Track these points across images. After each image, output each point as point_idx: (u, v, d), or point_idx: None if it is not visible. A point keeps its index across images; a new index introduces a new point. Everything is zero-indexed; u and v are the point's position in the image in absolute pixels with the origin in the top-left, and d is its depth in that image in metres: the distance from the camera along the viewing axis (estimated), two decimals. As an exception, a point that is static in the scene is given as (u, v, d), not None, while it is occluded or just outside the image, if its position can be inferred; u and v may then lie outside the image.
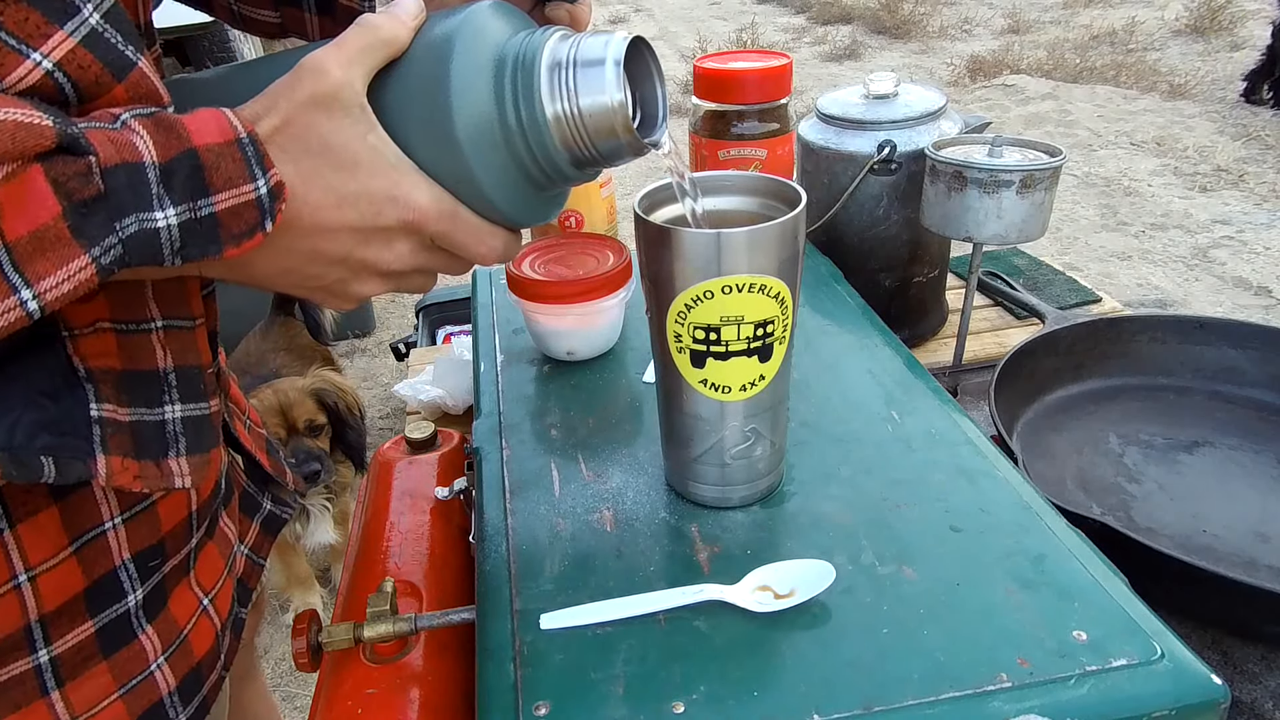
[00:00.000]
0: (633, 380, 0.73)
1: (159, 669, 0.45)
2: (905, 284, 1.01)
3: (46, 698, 0.41)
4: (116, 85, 0.33)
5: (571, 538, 0.55)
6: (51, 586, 0.39)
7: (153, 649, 0.45)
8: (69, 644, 0.41)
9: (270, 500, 0.63)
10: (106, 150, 0.29)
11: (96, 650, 0.42)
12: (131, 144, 0.30)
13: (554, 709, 0.43)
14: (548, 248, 0.78)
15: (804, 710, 0.42)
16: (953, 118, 0.96)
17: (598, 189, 0.96)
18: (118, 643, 0.43)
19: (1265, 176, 2.66)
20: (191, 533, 0.46)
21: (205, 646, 0.49)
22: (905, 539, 0.53)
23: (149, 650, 0.45)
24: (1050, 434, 0.82)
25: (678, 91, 3.89)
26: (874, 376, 0.70)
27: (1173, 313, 1.22)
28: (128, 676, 0.44)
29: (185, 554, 0.46)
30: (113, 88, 0.33)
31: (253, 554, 0.60)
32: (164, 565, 0.45)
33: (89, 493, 0.40)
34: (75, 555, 0.39)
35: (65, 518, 0.39)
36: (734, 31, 4.80)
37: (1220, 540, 0.69)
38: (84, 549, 0.40)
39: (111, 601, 0.42)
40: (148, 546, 0.43)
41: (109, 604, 0.42)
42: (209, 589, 0.50)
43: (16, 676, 0.39)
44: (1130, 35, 4.25)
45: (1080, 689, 0.43)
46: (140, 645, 0.44)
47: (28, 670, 0.40)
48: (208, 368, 0.43)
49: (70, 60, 0.32)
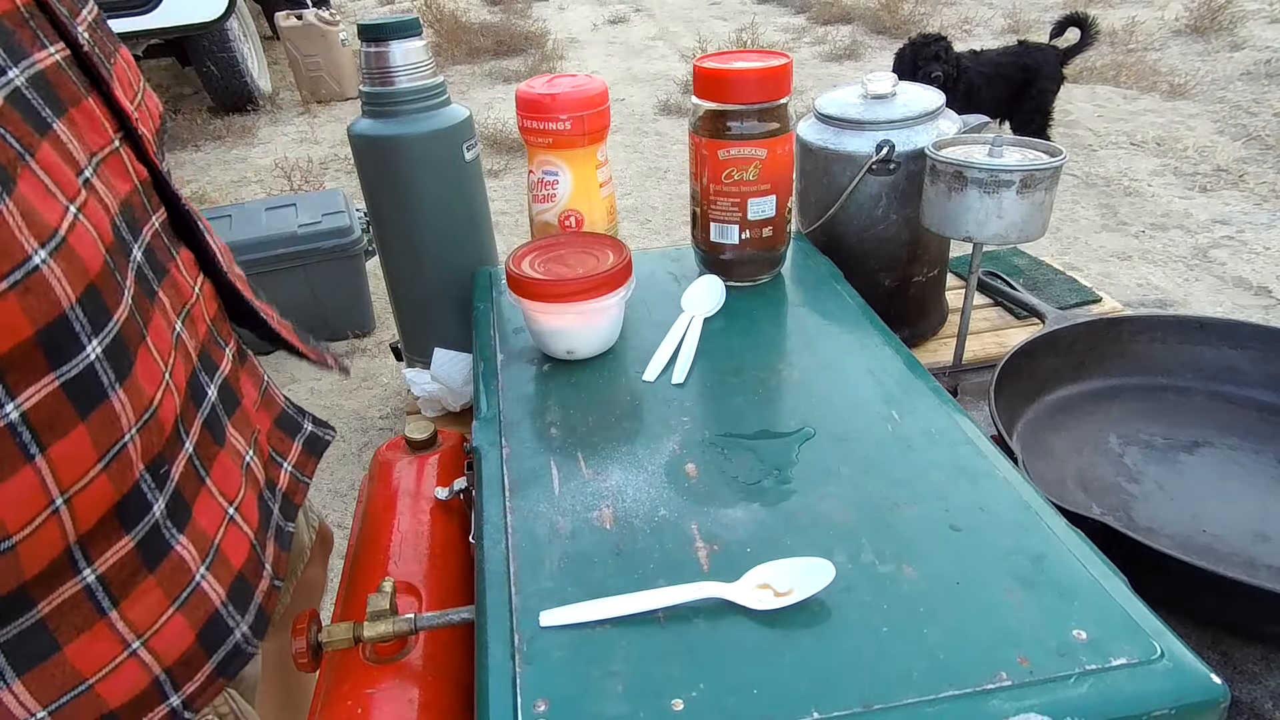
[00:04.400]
0: (632, 379, 0.73)
1: (204, 579, 0.46)
2: (905, 284, 1.01)
3: (106, 618, 0.41)
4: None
5: (571, 536, 0.55)
6: (86, 506, 0.39)
7: (192, 559, 0.45)
8: (111, 561, 0.41)
9: (311, 422, 0.64)
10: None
11: (140, 565, 0.42)
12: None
13: (553, 707, 0.43)
14: (548, 247, 0.78)
15: (803, 708, 0.42)
16: (951, 117, 0.96)
17: (598, 189, 0.96)
18: (158, 555, 0.43)
19: (1265, 176, 2.66)
20: (181, 436, 0.46)
21: (242, 556, 0.49)
22: (905, 538, 0.53)
23: (189, 560, 0.45)
24: (1050, 434, 0.82)
25: (678, 91, 3.89)
26: (874, 376, 0.70)
27: (1173, 313, 1.22)
28: (177, 588, 0.44)
29: (186, 458, 0.46)
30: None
31: (297, 471, 0.61)
32: (171, 470, 0.44)
33: (110, 406, 0.39)
34: (105, 472, 0.39)
35: (93, 435, 0.38)
36: (734, 31, 4.80)
37: (1220, 540, 0.69)
38: (112, 464, 0.40)
39: (142, 513, 0.42)
40: (157, 453, 0.43)
41: (140, 516, 0.42)
42: (231, 498, 0.50)
43: (70, 599, 0.39)
44: (1130, 35, 4.24)
45: (1080, 688, 0.43)
46: (179, 556, 0.44)
47: (78, 591, 0.40)
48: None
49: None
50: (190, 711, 0.46)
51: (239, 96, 3.88)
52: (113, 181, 0.42)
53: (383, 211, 1.02)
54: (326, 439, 0.66)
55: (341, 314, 2.04)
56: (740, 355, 0.75)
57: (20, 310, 0.34)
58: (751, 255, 0.88)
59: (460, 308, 1.02)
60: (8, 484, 0.35)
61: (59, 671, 0.40)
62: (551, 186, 0.95)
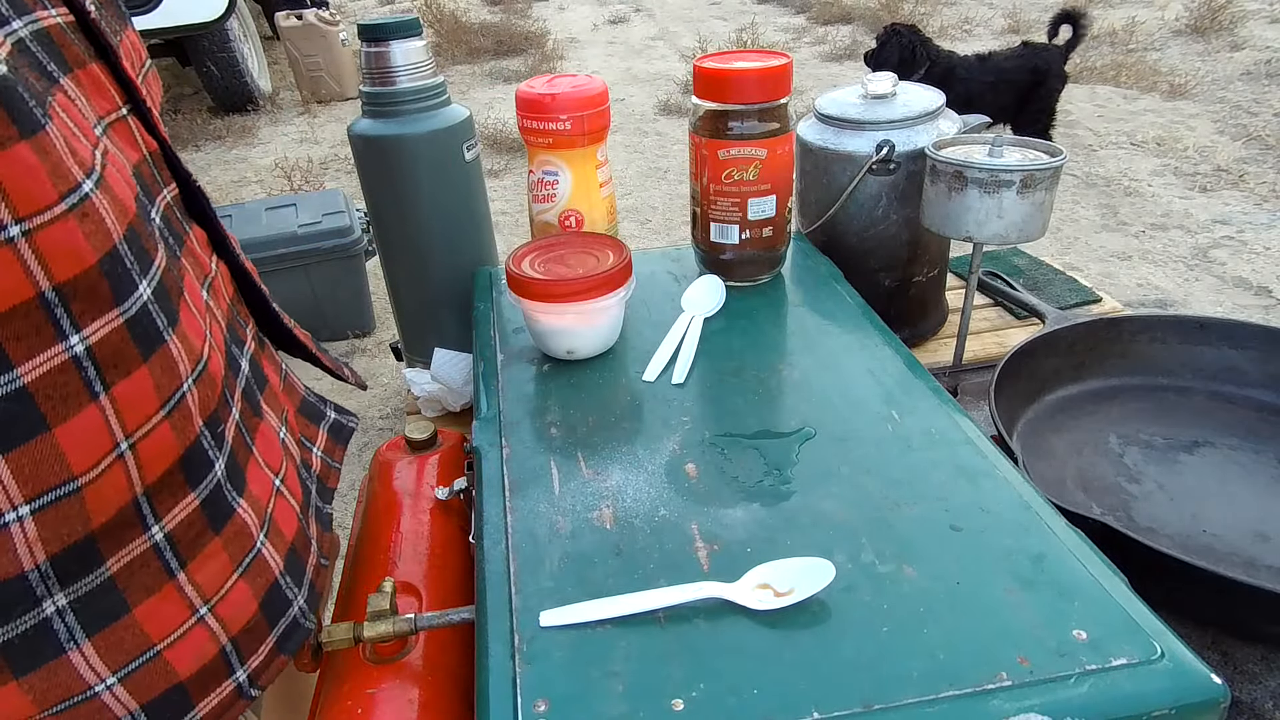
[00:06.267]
0: (632, 379, 0.73)
1: (264, 546, 0.45)
2: (905, 284, 1.01)
3: (174, 579, 0.40)
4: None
5: (571, 536, 0.55)
6: (151, 455, 0.38)
7: (253, 524, 0.44)
8: (179, 518, 0.40)
9: (334, 410, 0.63)
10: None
11: (206, 525, 0.41)
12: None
13: (553, 706, 0.43)
14: (548, 247, 0.78)
15: (803, 708, 0.42)
16: (951, 117, 0.96)
17: (598, 189, 0.96)
18: (222, 516, 0.42)
19: (1265, 176, 2.66)
20: (228, 399, 0.45)
21: (292, 529, 0.48)
22: (905, 538, 0.53)
23: (250, 525, 0.44)
24: (1050, 434, 0.82)
25: (678, 91, 3.89)
26: (874, 376, 0.70)
27: (1173, 313, 1.22)
28: (241, 553, 0.43)
29: (235, 423, 0.45)
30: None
31: (326, 456, 0.60)
32: (225, 431, 0.43)
33: (168, 349, 0.38)
34: (168, 419, 0.38)
35: (155, 378, 0.37)
36: (734, 31, 4.80)
37: (1220, 540, 0.69)
38: (174, 412, 0.39)
39: (205, 470, 0.41)
40: (212, 410, 0.42)
41: (204, 473, 0.41)
42: (276, 470, 0.49)
43: (139, 557, 0.38)
44: (1130, 35, 4.24)
45: (1080, 688, 0.43)
46: (241, 520, 0.43)
47: (147, 549, 0.39)
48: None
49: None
50: (255, 689, 0.44)
51: (239, 96, 3.88)
52: (123, 147, 0.41)
53: (383, 211, 1.02)
54: (351, 426, 0.65)
55: (341, 314, 2.04)
56: (740, 355, 0.75)
57: (81, 235, 0.33)
58: (751, 255, 0.88)
59: (460, 308, 1.01)
60: (71, 422, 0.34)
61: (128, 635, 0.38)
62: (551, 186, 0.95)
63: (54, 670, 0.37)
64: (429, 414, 1.10)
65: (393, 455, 0.76)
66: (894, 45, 2.63)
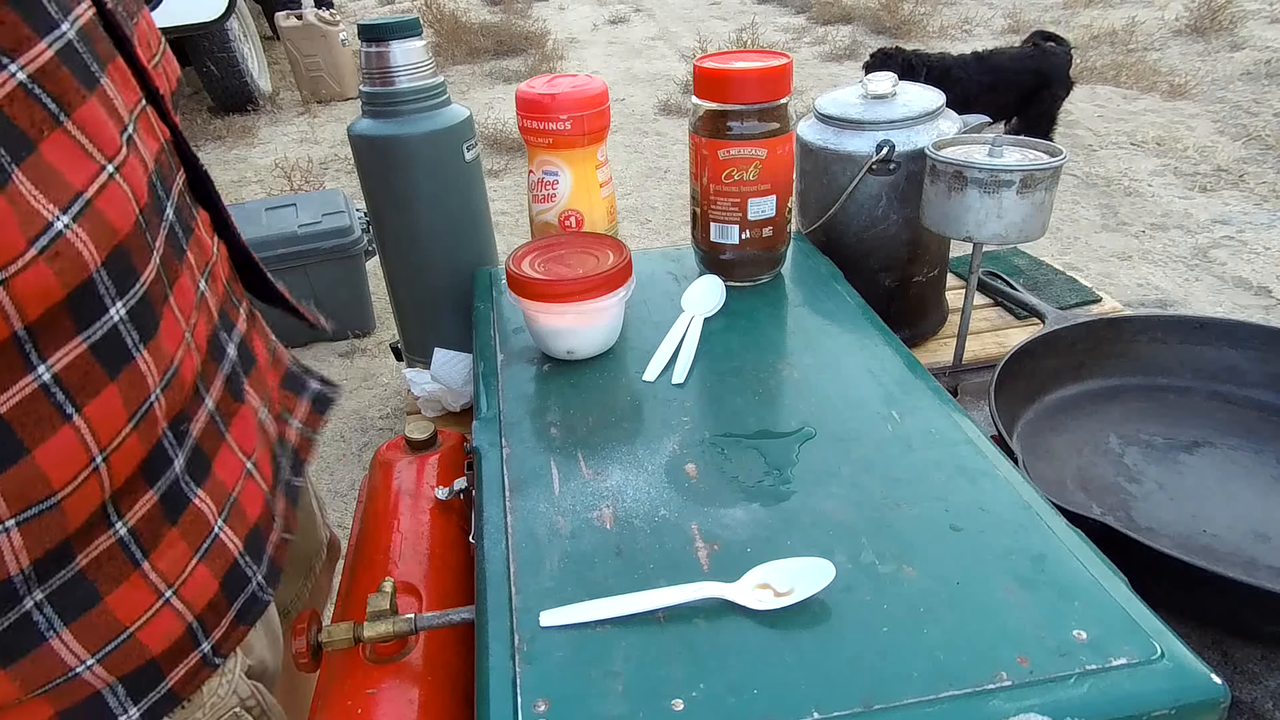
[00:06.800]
0: (633, 379, 0.73)
1: (221, 530, 0.48)
2: (905, 284, 1.01)
3: (139, 569, 0.43)
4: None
5: (571, 536, 0.55)
6: (119, 463, 0.41)
7: (210, 512, 0.47)
8: (139, 514, 0.43)
9: (317, 380, 0.66)
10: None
11: (163, 518, 0.44)
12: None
13: (553, 706, 0.43)
14: (548, 247, 0.78)
15: (803, 708, 0.42)
16: (951, 117, 0.96)
17: (598, 189, 0.96)
18: (178, 507, 0.45)
19: (1265, 176, 2.66)
20: (200, 393, 0.48)
21: (256, 510, 0.51)
22: (905, 538, 0.53)
23: (207, 513, 0.47)
24: (1050, 434, 0.82)
25: (678, 91, 3.89)
26: (874, 376, 0.70)
27: (1173, 313, 1.22)
28: (199, 539, 0.46)
29: (206, 415, 0.48)
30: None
31: (305, 428, 0.62)
32: (190, 427, 0.46)
33: (136, 366, 0.41)
34: (135, 431, 0.41)
35: (123, 394, 0.40)
36: (734, 31, 4.79)
37: (1220, 540, 0.69)
38: (140, 423, 0.41)
39: (164, 468, 0.44)
40: (178, 411, 0.45)
41: (162, 471, 0.44)
42: (249, 453, 0.51)
43: (106, 551, 0.41)
44: (1130, 35, 4.24)
45: (1080, 688, 0.43)
46: (197, 508, 0.46)
47: (113, 544, 0.42)
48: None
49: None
50: (219, 658, 0.48)
51: (239, 96, 3.88)
52: (145, 138, 0.43)
53: (383, 211, 1.02)
54: (333, 396, 0.68)
55: (341, 314, 2.04)
56: (740, 355, 0.75)
57: (52, 274, 0.35)
58: (751, 255, 0.88)
59: (460, 308, 1.01)
60: (49, 443, 0.37)
61: (102, 620, 0.42)
62: (551, 186, 0.95)
63: (37, 658, 0.40)
64: (429, 414, 1.10)
65: (393, 455, 0.76)
66: (888, 67, 2.63)
